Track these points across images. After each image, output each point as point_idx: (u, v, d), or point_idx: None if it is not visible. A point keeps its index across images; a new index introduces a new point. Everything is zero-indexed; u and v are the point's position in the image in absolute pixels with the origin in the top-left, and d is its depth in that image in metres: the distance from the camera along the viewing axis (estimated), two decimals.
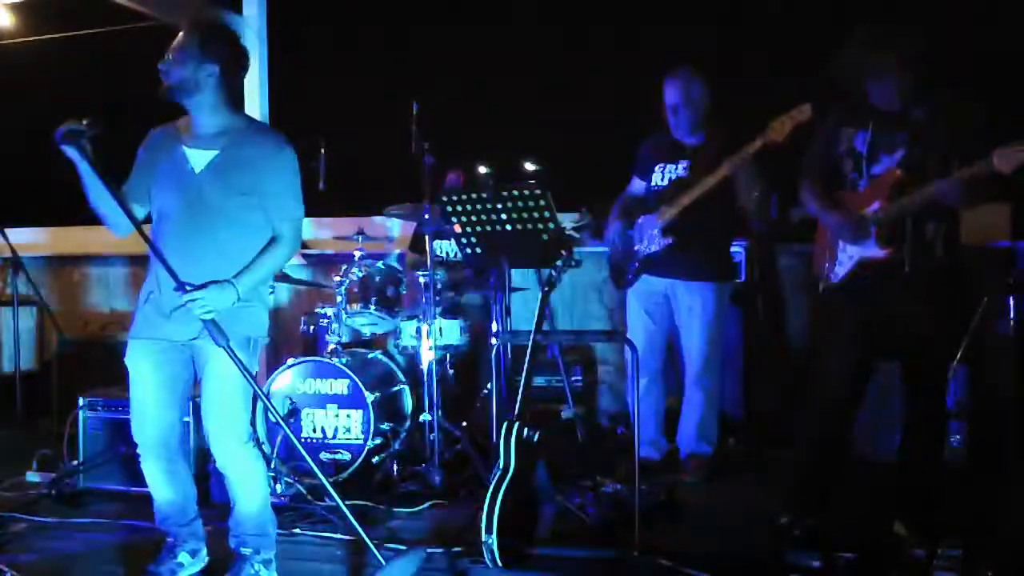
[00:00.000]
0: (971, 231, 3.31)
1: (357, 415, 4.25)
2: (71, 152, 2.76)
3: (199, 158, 2.89)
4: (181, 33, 2.85)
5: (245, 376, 2.84)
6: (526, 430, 3.20)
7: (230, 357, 2.79)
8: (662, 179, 4.27)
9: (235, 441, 2.95)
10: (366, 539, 2.89)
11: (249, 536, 3.02)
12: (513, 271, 3.89)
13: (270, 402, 3.06)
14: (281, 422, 3.05)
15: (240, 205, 2.87)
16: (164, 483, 3.04)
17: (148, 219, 2.99)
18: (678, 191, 4.14)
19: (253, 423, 4.17)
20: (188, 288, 2.74)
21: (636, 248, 4.28)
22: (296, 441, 3.03)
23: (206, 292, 2.76)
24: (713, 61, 4.56)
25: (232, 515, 3.04)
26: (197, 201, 2.86)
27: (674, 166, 4.25)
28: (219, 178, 2.87)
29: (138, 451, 3.04)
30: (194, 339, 2.88)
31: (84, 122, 2.75)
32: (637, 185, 4.42)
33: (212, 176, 2.87)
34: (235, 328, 2.84)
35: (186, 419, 3.04)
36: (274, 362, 5.52)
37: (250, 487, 3.01)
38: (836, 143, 3.35)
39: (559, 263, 3.45)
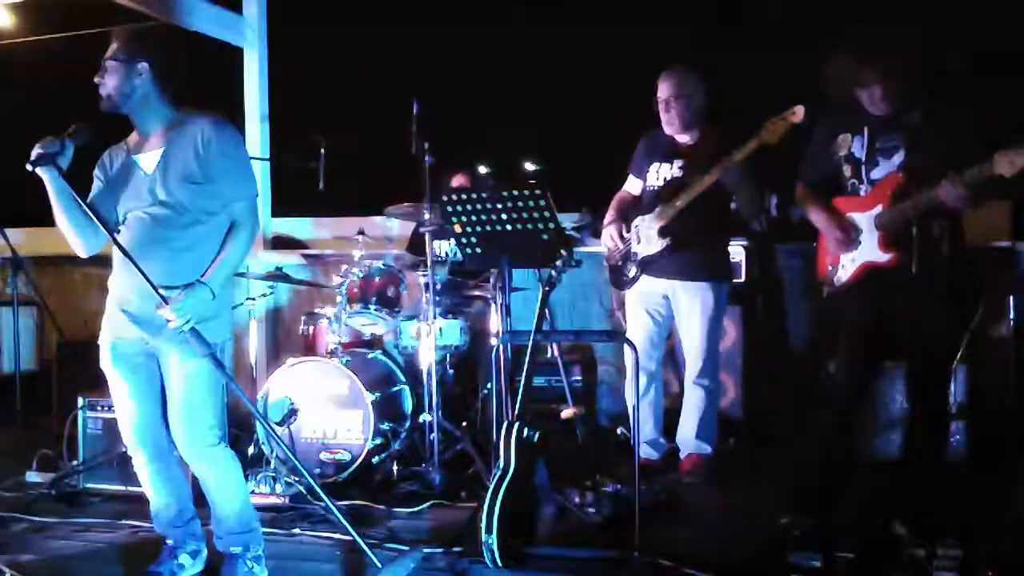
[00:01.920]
0: (971, 231, 3.30)
1: (357, 415, 4.25)
2: (45, 173, 2.74)
3: (149, 161, 2.89)
4: (110, 43, 2.85)
5: (230, 382, 2.84)
6: (526, 430, 3.20)
7: (213, 365, 2.79)
8: (657, 179, 4.27)
9: (202, 445, 2.91)
10: (360, 540, 2.89)
11: (235, 535, 3.01)
12: (513, 271, 3.89)
13: (256, 409, 3.05)
14: (269, 427, 3.05)
15: (191, 194, 2.83)
16: (158, 484, 3.04)
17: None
18: (673, 191, 4.13)
19: (260, 442, 4.20)
20: (165, 302, 2.72)
21: (634, 250, 4.28)
22: (282, 444, 3.02)
23: (182, 303, 2.73)
24: (712, 61, 4.56)
25: (213, 516, 3.03)
26: (153, 201, 2.85)
27: (669, 165, 4.24)
28: (167, 172, 2.85)
29: (129, 454, 3.04)
30: (160, 336, 2.84)
31: (69, 129, 2.76)
32: (634, 183, 4.42)
33: (162, 173, 2.85)
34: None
35: None
36: (274, 362, 5.53)
37: (226, 488, 2.98)
38: (833, 149, 3.35)
39: (559, 263, 3.45)
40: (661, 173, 4.26)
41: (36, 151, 2.70)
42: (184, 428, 2.90)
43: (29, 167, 2.70)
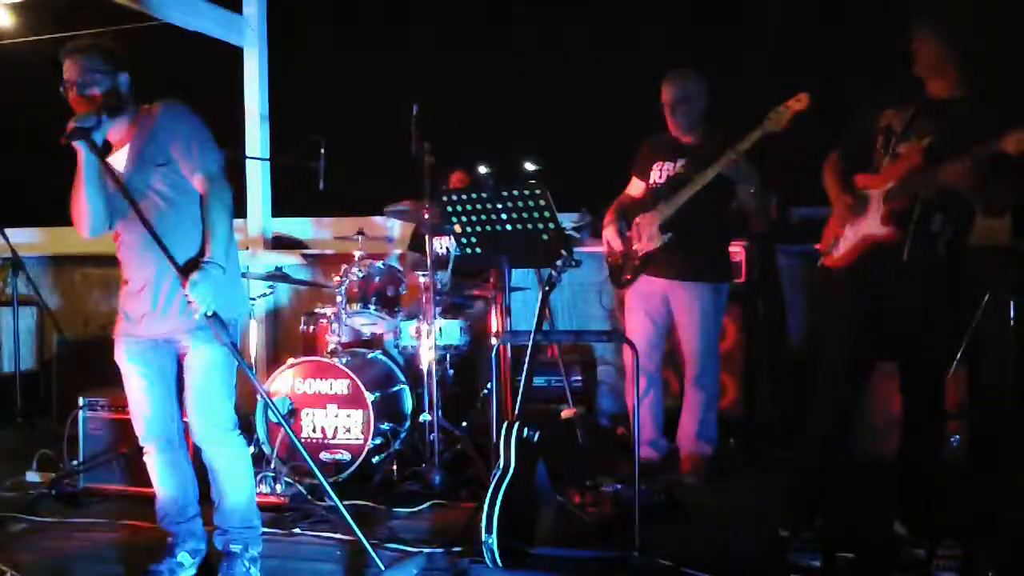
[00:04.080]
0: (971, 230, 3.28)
1: (357, 415, 4.25)
2: (79, 146, 2.78)
3: (119, 159, 2.94)
4: (78, 61, 2.86)
5: (244, 368, 2.89)
6: (526, 430, 3.20)
7: (231, 354, 2.84)
8: (660, 177, 4.27)
9: (220, 430, 2.96)
10: (364, 541, 2.89)
11: (237, 531, 3.03)
12: (513, 271, 3.89)
13: (271, 401, 3.07)
14: (282, 421, 3.06)
15: (162, 178, 2.88)
16: (166, 476, 3.07)
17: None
18: (676, 189, 4.14)
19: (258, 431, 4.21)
20: (184, 276, 2.74)
21: (635, 247, 4.27)
22: (295, 439, 3.02)
23: (198, 288, 2.73)
24: (713, 61, 4.56)
25: (219, 510, 3.04)
26: (135, 195, 2.84)
27: (672, 164, 4.25)
28: (137, 163, 2.91)
29: (141, 445, 3.07)
30: (173, 335, 2.90)
31: (104, 103, 2.80)
32: (636, 186, 4.42)
33: (133, 166, 2.91)
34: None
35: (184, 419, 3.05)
36: (274, 362, 5.53)
37: (237, 477, 3.02)
38: (875, 121, 3.30)
39: (559, 263, 3.45)
40: (664, 171, 4.26)
41: (72, 124, 2.74)
42: (202, 414, 2.94)
43: (64, 140, 2.74)
